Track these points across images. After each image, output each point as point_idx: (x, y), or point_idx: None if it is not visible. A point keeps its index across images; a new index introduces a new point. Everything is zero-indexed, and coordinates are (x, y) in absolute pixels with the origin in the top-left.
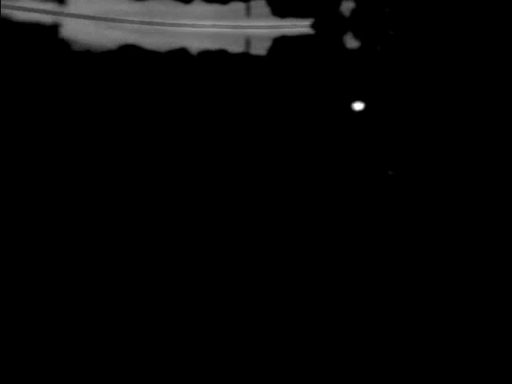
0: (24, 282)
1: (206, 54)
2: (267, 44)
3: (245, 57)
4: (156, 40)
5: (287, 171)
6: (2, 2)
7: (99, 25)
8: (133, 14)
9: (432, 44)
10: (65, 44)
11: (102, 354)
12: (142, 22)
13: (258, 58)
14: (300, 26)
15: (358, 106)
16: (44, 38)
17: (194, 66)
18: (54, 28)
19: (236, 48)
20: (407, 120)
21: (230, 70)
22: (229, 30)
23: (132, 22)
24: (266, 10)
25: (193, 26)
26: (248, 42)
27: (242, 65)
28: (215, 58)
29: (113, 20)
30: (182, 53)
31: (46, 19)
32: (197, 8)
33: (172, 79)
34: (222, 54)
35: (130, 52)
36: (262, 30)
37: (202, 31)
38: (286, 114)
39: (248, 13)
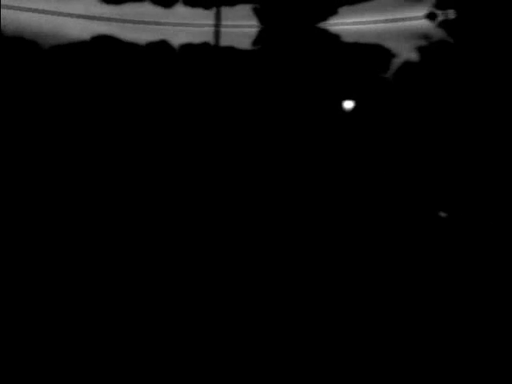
0: (24, 281)
1: (187, 48)
2: (247, 40)
3: (226, 51)
4: (138, 35)
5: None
6: (2, 2)
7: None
8: (114, 14)
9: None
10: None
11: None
12: (124, 21)
13: (238, 52)
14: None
15: (348, 104)
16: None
17: (175, 59)
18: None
19: (216, 42)
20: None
21: (211, 63)
22: (211, 28)
23: (116, 20)
24: (249, 13)
25: (174, 24)
26: (218, 37)
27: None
28: (197, 52)
29: (96, 18)
30: (162, 45)
31: (45, 19)
32: (178, 10)
33: (154, 70)
34: (203, 47)
35: (112, 45)
36: (242, 28)
37: (182, 29)
38: (268, 105)
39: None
